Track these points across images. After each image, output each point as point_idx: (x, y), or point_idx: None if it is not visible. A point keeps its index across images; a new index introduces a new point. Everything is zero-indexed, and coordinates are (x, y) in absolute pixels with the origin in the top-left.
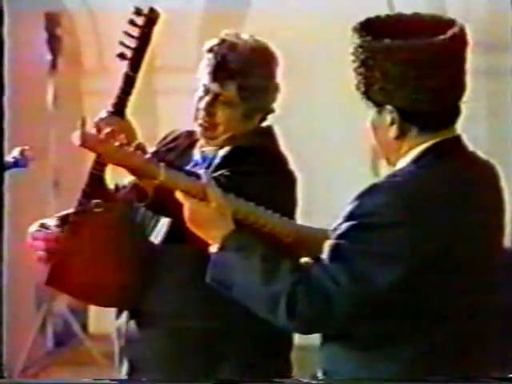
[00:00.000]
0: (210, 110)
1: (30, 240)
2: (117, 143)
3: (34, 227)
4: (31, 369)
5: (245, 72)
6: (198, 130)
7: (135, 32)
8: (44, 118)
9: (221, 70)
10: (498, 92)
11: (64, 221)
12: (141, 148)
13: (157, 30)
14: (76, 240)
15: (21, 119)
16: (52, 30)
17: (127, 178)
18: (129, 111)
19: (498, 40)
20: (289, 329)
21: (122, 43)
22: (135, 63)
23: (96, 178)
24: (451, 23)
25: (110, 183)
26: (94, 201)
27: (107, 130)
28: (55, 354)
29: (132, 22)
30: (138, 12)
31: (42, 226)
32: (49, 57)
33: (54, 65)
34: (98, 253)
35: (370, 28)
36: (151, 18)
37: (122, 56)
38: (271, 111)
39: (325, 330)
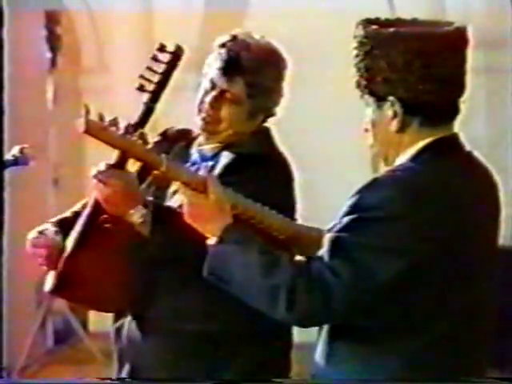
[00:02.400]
0: (214, 104)
1: (30, 247)
2: (120, 131)
3: (32, 234)
4: (31, 367)
5: (255, 71)
6: (199, 123)
7: (159, 68)
8: (44, 116)
9: (231, 67)
10: (497, 90)
11: (61, 225)
12: (143, 138)
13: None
14: (83, 252)
15: (20, 117)
16: (51, 28)
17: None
18: (129, 108)
19: (498, 38)
20: (287, 322)
21: (142, 77)
22: (156, 95)
23: None
24: (451, 24)
25: None
26: (104, 216)
27: (111, 118)
28: (55, 352)
29: (155, 58)
30: (162, 48)
31: (41, 232)
32: (48, 55)
33: (53, 63)
34: (104, 263)
35: (374, 22)
36: (177, 55)
37: (141, 88)
38: (273, 114)
39: (324, 322)
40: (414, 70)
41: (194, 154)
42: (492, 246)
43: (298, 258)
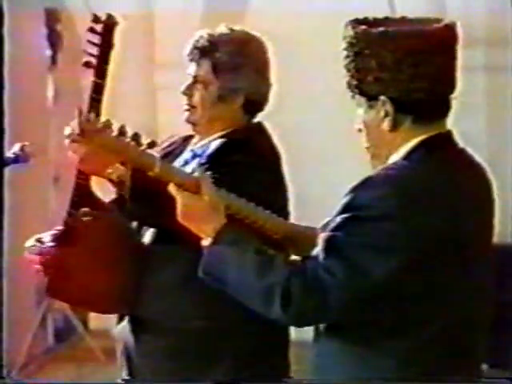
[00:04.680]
0: (187, 92)
1: (27, 255)
2: (114, 133)
3: (30, 242)
4: (31, 365)
5: (215, 49)
6: (184, 116)
7: (96, 39)
8: (44, 114)
9: (193, 50)
10: (497, 88)
11: (57, 236)
12: (136, 139)
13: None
14: (68, 250)
15: (21, 115)
16: (52, 25)
17: None
18: (129, 107)
19: (498, 37)
20: (283, 321)
21: (85, 51)
22: (100, 70)
23: (82, 187)
24: (440, 21)
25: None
26: (83, 209)
27: (104, 119)
28: (55, 350)
29: (92, 30)
30: (96, 19)
31: (38, 240)
32: (49, 52)
33: (53, 60)
34: (91, 260)
35: (363, 22)
36: (109, 24)
37: (87, 64)
38: (255, 101)
39: (319, 322)
40: (404, 68)
41: (187, 153)
42: (487, 244)
43: (293, 257)
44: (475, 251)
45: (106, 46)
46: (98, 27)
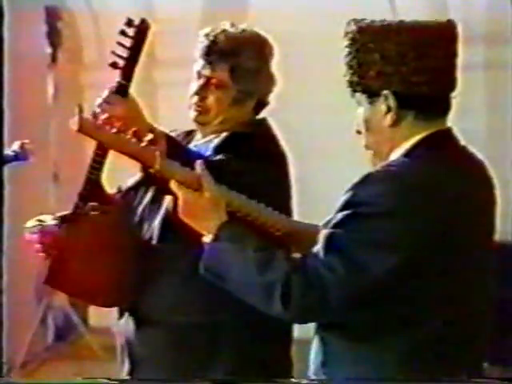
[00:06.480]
0: (201, 93)
1: (28, 235)
2: (113, 130)
3: (30, 223)
4: (31, 363)
5: (236, 53)
6: (191, 115)
7: (127, 42)
8: (44, 112)
9: (212, 52)
10: (497, 86)
11: (61, 219)
12: (137, 135)
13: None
14: (73, 241)
15: (21, 113)
16: (52, 23)
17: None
18: None
19: (498, 34)
20: (283, 318)
21: (113, 53)
22: (127, 72)
23: (92, 182)
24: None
25: (111, 183)
26: (91, 204)
27: (104, 116)
28: (55, 348)
29: (123, 33)
30: (129, 23)
31: (39, 221)
32: (49, 50)
33: (54, 58)
34: (94, 254)
35: (364, 19)
36: (142, 28)
37: (114, 65)
38: (265, 102)
39: (319, 319)
40: (408, 61)
41: None
42: (488, 241)
43: (294, 254)
44: (476, 248)
45: (136, 50)
46: (130, 31)
